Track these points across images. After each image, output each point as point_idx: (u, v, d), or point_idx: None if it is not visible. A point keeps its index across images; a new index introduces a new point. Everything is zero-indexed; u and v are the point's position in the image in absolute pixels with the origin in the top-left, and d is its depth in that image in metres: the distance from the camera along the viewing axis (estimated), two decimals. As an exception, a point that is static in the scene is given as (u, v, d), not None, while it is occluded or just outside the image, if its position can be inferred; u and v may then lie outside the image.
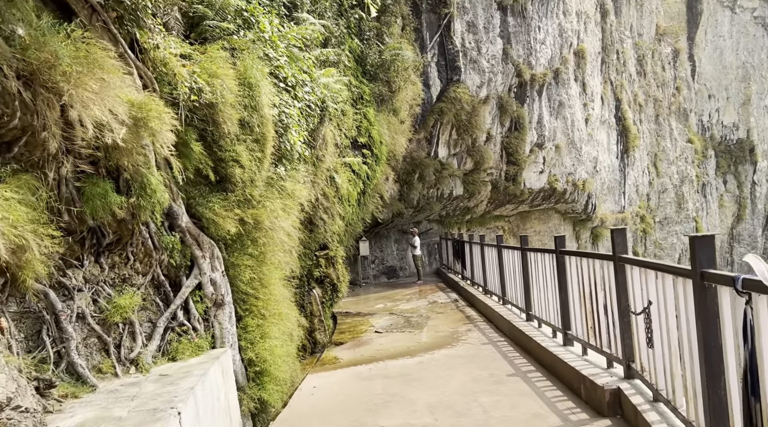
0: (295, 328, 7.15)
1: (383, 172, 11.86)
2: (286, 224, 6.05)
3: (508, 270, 9.67)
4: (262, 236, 5.37)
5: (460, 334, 8.90)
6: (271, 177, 5.64)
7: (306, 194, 6.87)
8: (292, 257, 7.48)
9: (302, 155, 6.59)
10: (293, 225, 6.90)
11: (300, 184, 6.66)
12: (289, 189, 6.16)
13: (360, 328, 10.14)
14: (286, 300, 6.69)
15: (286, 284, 7.68)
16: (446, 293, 14.63)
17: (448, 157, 18.81)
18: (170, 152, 4.19)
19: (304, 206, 7.05)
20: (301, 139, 6.54)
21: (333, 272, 9.18)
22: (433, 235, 21.84)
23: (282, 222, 5.68)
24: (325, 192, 8.73)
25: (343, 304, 13.62)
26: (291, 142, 5.98)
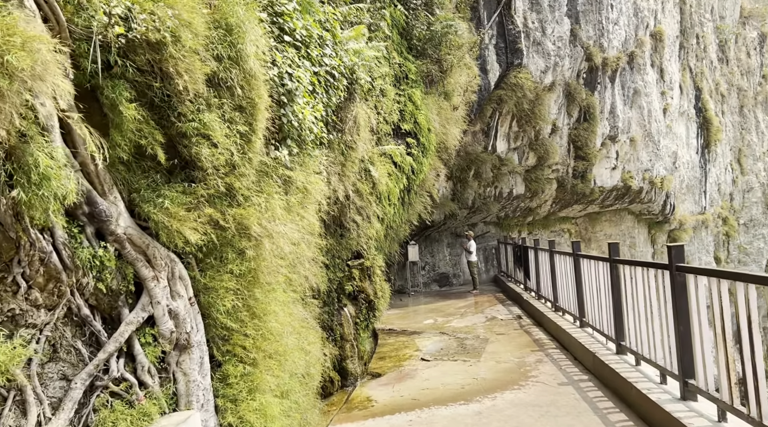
0: (315, 363, 5.52)
1: (432, 167, 10.12)
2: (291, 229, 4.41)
3: (587, 285, 7.74)
4: (250, 246, 3.75)
5: (529, 366, 7.05)
6: (265, 163, 4.01)
7: (325, 189, 5.22)
8: (311, 270, 5.87)
9: (319, 137, 4.95)
10: (308, 229, 5.28)
11: (316, 176, 5.02)
12: (298, 181, 4.53)
13: (404, 352, 8.42)
14: (297, 328, 5.07)
15: (305, 304, 6.08)
16: (506, 307, 12.71)
17: (508, 151, 16.83)
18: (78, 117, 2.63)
19: (322, 205, 5.40)
20: (318, 114, 4.89)
21: (369, 285, 7.51)
22: (491, 238, 19.86)
23: (282, 226, 4.04)
24: (357, 188, 7.07)
25: (388, 317, 11.95)
26: (299, 117, 4.34)
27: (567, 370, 6.78)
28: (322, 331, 6.84)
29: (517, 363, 7.26)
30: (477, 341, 8.85)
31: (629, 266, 6.00)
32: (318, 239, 5.87)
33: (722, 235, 28.90)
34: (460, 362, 7.57)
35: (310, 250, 5.53)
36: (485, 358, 7.70)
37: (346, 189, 6.60)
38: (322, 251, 6.79)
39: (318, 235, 5.79)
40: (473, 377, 6.69)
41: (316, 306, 6.55)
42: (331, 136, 5.82)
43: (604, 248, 21.76)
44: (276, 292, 4.39)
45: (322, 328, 6.91)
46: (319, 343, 6.02)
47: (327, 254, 6.98)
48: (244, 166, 3.70)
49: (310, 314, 6.32)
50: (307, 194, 4.88)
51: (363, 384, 6.94)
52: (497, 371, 6.92)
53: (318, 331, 6.40)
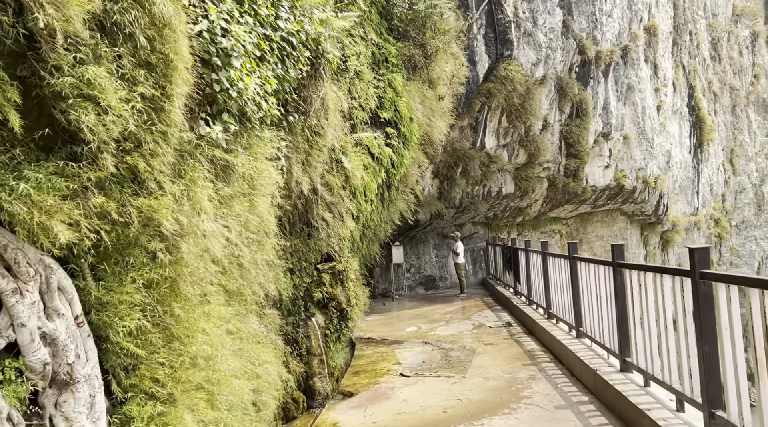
0: (270, 386, 4.65)
1: (415, 161, 9.28)
2: (233, 225, 3.54)
3: (585, 292, 6.93)
4: (164, 247, 2.88)
5: (521, 384, 6.21)
6: (190, 142, 3.13)
7: (279, 179, 4.34)
8: (268, 275, 5.01)
9: (270, 115, 4.07)
10: (260, 227, 4.42)
11: (268, 163, 4.15)
12: (240, 167, 3.65)
13: (382, 365, 7.56)
14: (244, 348, 4.21)
15: (261, 316, 5.22)
16: (495, 312, 11.89)
17: (497, 148, 16.04)
18: None
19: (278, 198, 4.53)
20: (269, 87, 4.01)
21: (341, 292, 6.64)
22: (479, 239, 19.06)
23: (211, 223, 3.17)
24: (327, 181, 6.20)
25: (368, 324, 11.09)
26: (239, 86, 3.47)
27: (564, 389, 5.95)
28: (285, 345, 5.97)
29: (508, 380, 6.42)
30: (463, 353, 8.01)
31: (637, 271, 5.19)
32: (275, 239, 5.00)
33: (714, 237, 28.33)
34: (443, 378, 6.72)
35: (264, 252, 4.66)
36: (472, 373, 6.86)
37: (312, 181, 5.73)
38: (286, 252, 5.93)
39: (275, 234, 4.92)
40: (457, 398, 5.84)
41: (276, 317, 5.68)
42: (292, 117, 4.95)
43: (596, 249, 21.05)
44: (208, 305, 3.51)
45: (286, 341, 6.04)
46: (277, 361, 5.15)
47: (292, 257, 6.12)
48: (156, 144, 2.82)
49: (269, 327, 5.45)
50: (255, 185, 4.00)
51: (331, 406, 6.06)
52: (485, 390, 6.08)
53: (278, 346, 5.53)
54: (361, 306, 7.11)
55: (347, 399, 6.22)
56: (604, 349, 6.26)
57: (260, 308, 5.29)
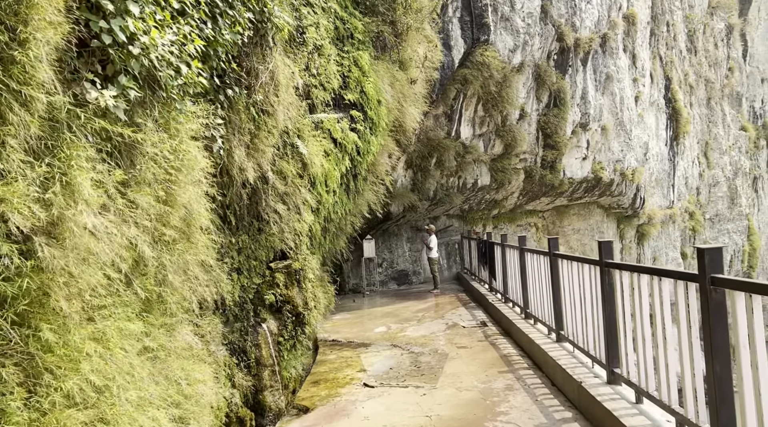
0: (202, 410, 3.91)
1: (385, 148, 8.56)
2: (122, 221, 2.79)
3: (567, 292, 6.32)
4: (22, 250, 2.12)
5: (497, 396, 5.57)
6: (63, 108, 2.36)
7: (205, 163, 3.57)
8: (203, 278, 4.27)
9: (194, 83, 3.29)
10: (192, 223, 3.68)
11: (192, 143, 3.38)
12: (147, 146, 2.88)
13: (345, 373, 6.85)
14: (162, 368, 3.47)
15: (196, 326, 4.49)
16: (470, 310, 11.28)
17: (473, 138, 15.41)
18: None
19: (209, 186, 3.77)
20: (191, 49, 3.24)
21: (297, 293, 5.90)
22: (454, 233, 18.46)
23: (94, 218, 2.40)
24: (279, 168, 5.44)
25: (335, 324, 10.38)
26: (142, 42, 2.70)
27: (545, 403, 5.32)
28: (230, 356, 5.22)
29: (483, 391, 5.77)
30: (434, 358, 7.35)
31: (630, 272, 4.56)
32: (213, 235, 4.25)
33: (689, 230, 28.25)
34: (411, 389, 6.04)
35: (194, 251, 3.91)
36: (443, 382, 6.19)
37: (260, 168, 4.97)
38: (231, 250, 5.18)
39: (211, 230, 4.17)
40: (426, 415, 5.16)
41: (219, 325, 4.93)
42: (231, 91, 4.18)
43: (572, 243, 20.65)
44: (106, 321, 2.75)
45: (231, 352, 5.29)
46: (213, 379, 4.40)
47: (239, 254, 5.36)
48: (8, 109, 2.04)
49: (208, 337, 4.70)
50: (176, 170, 3.24)
51: (284, 425, 5.34)
52: (457, 404, 5.41)
53: (219, 358, 4.78)
54: (321, 309, 6.38)
55: (302, 416, 5.49)
56: (588, 356, 5.65)
57: (196, 316, 4.54)
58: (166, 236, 3.36)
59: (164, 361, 3.67)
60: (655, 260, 24.72)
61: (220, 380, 4.85)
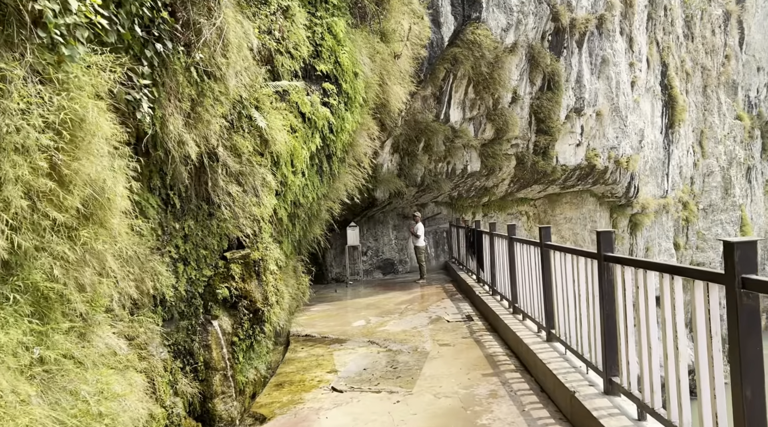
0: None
1: (363, 127, 7.84)
2: None
3: (560, 288, 5.68)
4: None
5: (479, 405, 4.93)
6: None
7: (115, 130, 2.86)
8: (125, 269, 3.59)
9: (91, 22, 2.58)
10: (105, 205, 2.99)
11: (94, 102, 2.67)
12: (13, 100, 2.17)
13: (313, 374, 6.20)
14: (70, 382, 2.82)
15: (129, 324, 3.83)
16: (456, 302, 10.66)
17: (463, 121, 14.70)
18: None
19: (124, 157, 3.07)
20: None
21: (257, 287, 5.21)
22: (442, 221, 17.82)
23: None
24: (233, 143, 4.73)
25: (311, 317, 9.72)
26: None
27: (532, 413, 4.69)
28: (172, 359, 4.54)
29: (464, 398, 5.14)
30: (413, 357, 6.71)
31: (634, 268, 3.91)
32: (137, 219, 3.56)
33: (682, 220, 27.79)
34: (384, 394, 5.39)
35: (107, 237, 3.21)
36: (421, 387, 5.55)
37: (207, 142, 4.26)
38: (174, 237, 4.49)
39: (131, 213, 3.48)
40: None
41: (154, 324, 4.25)
42: (161, 45, 3.46)
43: (564, 233, 20.07)
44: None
45: (175, 354, 4.61)
46: (145, 388, 3.74)
47: (185, 242, 4.67)
48: None
49: (139, 339, 4.02)
50: (70, 135, 2.54)
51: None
52: (434, 415, 4.77)
53: (153, 364, 4.10)
54: (285, 304, 5.70)
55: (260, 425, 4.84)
56: (582, 360, 5.02)
57: (129, 315, 3.85)
58: (60, 221, 2.66)
59: (68, 374, 3.00)
60: (648, 250, 24.22)
61: (159, 388, 4.18)
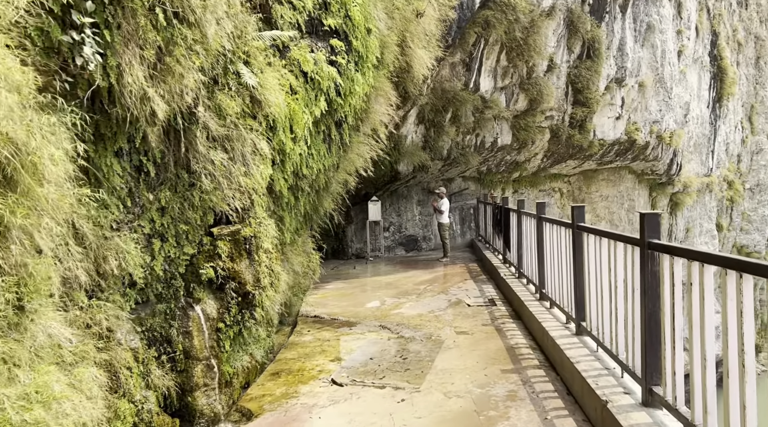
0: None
1: (379, 91, 7.11)
2: None
3: (594, 276, 4.96)
4: None
5: (494, 408, 4.30)
6: None
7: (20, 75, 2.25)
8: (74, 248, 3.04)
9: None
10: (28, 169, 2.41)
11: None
12: None
13: (315, 362, 5.65)
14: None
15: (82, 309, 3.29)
16: (479, 284, 9.99)
17: (494, 91, 13.80)
18: None
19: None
20: None
21: (247, 268, 4.64)
22: (469, 196, 17.04)
23: None
24: (217, 103, 4.11)
25: (324, 295, 9.20)
26: None
27: (557, 423, 4.04)
28: (146, 347, 4.02)
29: (478, 399, 4.51)
30: (426, 347, 6.10)
31: (689, 260, 3.17)
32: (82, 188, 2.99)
33: (726, 200, 26.32)
34: (389, 390, 4.81)
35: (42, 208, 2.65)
36: (430, 383, 4.94)
37: (180, 99, 3.64)
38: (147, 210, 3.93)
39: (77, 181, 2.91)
40: (397, 435, 3.93)
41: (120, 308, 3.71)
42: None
43: (599, 211, 19.07)
44: None
45: (149, 341, 4.09)
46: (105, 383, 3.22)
47: (162, 216, 4.11)
48: None
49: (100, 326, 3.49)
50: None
51: None
52: (441, 420, 4.16)
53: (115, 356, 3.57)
54: (280, 287, 5.13)
55: (239, 426, 4.30)
56: (616, 361, 4.33)
57: (77, 300, 3.32)
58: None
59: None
60: (688, 231, 23.00)
61: (126, 381, 3.66)
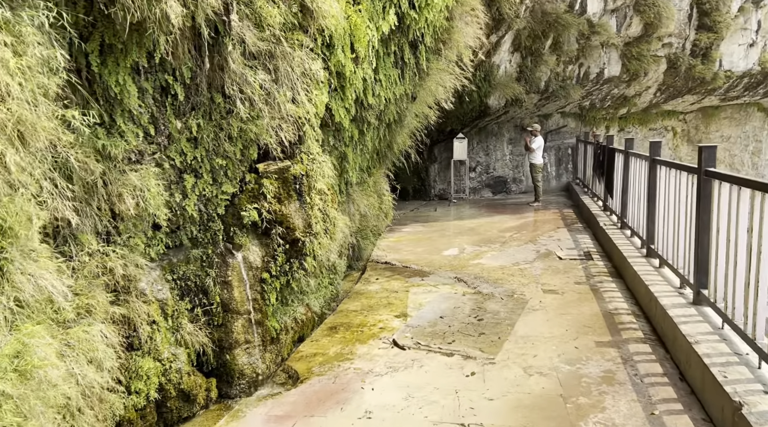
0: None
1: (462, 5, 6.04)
2: None
3: (724, 235, 3.89)
4: None
5: (585, 394, 3.49)
6: None
7: None
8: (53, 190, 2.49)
9: None
10: None
11: None
12: None
13: (378, 317, 5.05)
14: None
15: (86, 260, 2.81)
16: (573, 234, 8.93)
17: (603, 13, 12.06)
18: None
19: None
20: None
21: (297, 211, 4.00)
22: (568, 135, 15.53)
23: None
24: (255, 10, 3.36)
25: (399, 239, 8.56)
26: None
27: (667, 422, 3.18)
28: (178, 299, 3.53)
29: (565, 380, 3.71)
30: (507, 306, 5.30)
31: None
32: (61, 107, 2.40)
33: None
34: (457, 359, 4.11)
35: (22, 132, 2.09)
36: (508, 354, 4.19)
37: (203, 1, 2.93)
38: (177, 140, 3.35)
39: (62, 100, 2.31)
40: (460, 422, 3.23)
41: (143, 254, 3.22)
42: None
43: (718, 154, 16.81)
44: None
45: (181, 292, 3.59)
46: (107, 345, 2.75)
47: (194, 147, 3.52)
48: None
49: (115, 274, 3.01)
50: None
51: (247, 406, 3.66)
52: (517, 405, 3.41)
53: (136, 308, 3.09)
54: (336, 235, 4.48)
55: (283, 393, 3.78)
56: (754, 349, 3.35)
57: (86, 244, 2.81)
58: None
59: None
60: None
61: (150, 337, 3.20)
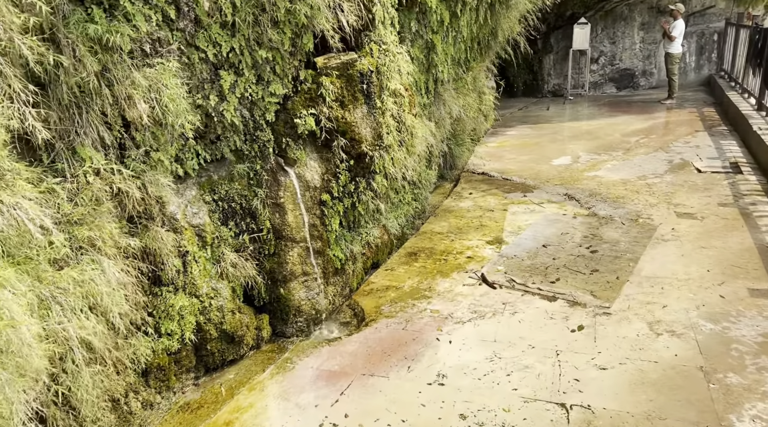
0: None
1: None
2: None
3: None
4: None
5: (736, 370, 2.60)
6: None
7: None
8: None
9: None
10: None
11: None
12: None
13: (465, 243, 4.28)
14: None
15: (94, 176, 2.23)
16: (716, 139, 7.40)
17: None
18: None
19: None
20: None
21: (364, 118, 3.21)
22: (714, 17, 12.98)
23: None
24: None
25: (499, 146, 7.56)
26: None
27: None
28: (219, 224, 2.98)
29: (708, 344, 2.81)
30: (629, 234, 4.31)
31: None
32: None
33: None
34: (561, 305, 3.30)
35: None
36: (627, 301, 3.30)
37: None
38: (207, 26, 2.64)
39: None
40: (560, 399, 2.49)
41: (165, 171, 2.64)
42: None
43: None
44: None
45: (224, 216, 3.03)
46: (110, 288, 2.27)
47: (232, 34, 2.80)
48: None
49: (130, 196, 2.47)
50: None
51: (299, 354, 3.13)
52: (638, 382, 2.60)
53: (167, 239, 2.56)
54: (415, 149, 3.64)
55: (343, 338, 3.19)
56: None
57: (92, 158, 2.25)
58: None
59: None
60: None
61: (183, 269, 2.70)
